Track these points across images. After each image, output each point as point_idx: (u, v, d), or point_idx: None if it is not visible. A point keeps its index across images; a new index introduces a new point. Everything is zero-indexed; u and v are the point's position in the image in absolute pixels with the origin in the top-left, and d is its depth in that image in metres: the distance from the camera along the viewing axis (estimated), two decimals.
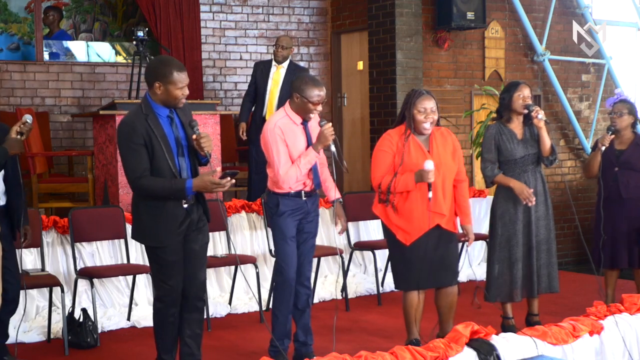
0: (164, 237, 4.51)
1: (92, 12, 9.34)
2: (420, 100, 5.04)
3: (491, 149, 5.69)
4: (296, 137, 5.04)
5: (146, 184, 4.42)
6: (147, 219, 4.55)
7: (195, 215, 4.62)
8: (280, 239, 5.15)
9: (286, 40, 8.26)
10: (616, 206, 6.42)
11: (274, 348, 5.20)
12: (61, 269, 6.42)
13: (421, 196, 5.01)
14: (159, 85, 4.47)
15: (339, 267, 7.41)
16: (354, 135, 9.93)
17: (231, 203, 7.24)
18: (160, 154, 4.43)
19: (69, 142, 9.08)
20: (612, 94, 10.43)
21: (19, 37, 8.96)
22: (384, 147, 5.11)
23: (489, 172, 5.69)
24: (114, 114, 7.10)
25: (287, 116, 5.07)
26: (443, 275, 5.18)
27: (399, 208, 5.04)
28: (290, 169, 4.99)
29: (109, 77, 9.26)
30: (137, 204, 4.59)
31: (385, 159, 5.07)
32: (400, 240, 5.08)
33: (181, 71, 4.47)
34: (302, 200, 5.13)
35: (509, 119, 5.73)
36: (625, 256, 6.41)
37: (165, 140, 4.46)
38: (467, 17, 8.91)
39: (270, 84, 8.16)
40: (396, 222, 5.08)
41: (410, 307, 5.19)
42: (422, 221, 5.03)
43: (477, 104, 9.35)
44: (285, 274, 5.15)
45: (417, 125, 5.05)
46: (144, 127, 4.43)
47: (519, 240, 5.67)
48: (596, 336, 4.46)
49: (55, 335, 5.98)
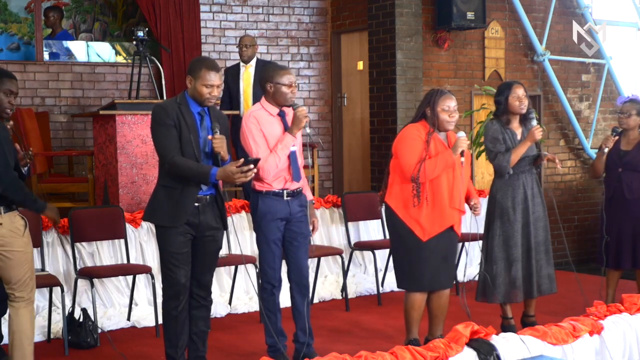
0: (173, 218, 4.64)
1: (92, 12, 9.34)
2: (443, 99, 5.06)
3: (499, 139, 5.61)
4: (273, 127, 5.03)
5: (178, 162, 4.57)
6: (162, 199, 4.71)
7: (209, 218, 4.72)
8: (263, 242, 5.13)
9: (249, 39, 8.38)
10: (620, 207, 6.41)
11: (271, 348, 5.20)
12: (61, 269, 6.42)
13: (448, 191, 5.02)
14: (190, 80, 4.66)
15: (339, 267, 7.41)
16: (354, 135, 9.92)
17: (231, 203, 7.24)
18: (187, 139, 4.61)
19: (69, 142, 9.08)
20: (612, 94, 10.45)
21: (19, 37, 8.96)
22: (414, 136, 5.05)
23: (505, 162, 5.58)
24: (114, 114, 7.10)
25: (263, 108, 5.08)
26: (446, 277, 5.19)
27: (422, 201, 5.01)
28: (269, 157, 4.95)
29: (109, 77, 9.27)
30: (157, 189, 4.77)
31: (417, 145, 5.01)
32: (417, 236, 5.05)
33: (211, 70, 4.61)
34: (284, 200, 5.08)
35: (508, 121, 5.71)
36: (630, 257, 6.40)
37: (194, 131, 4.63)
38: (467, 17, 8.92)
39: (242, 84, 8.24)
40: (415, 216, 5.03)
41: (413, 309, 5.18)
42: (444, 217, 5.03)
43: (477, 104, 9.36)
44: (269, 277, 5.15)
45: (441, 124, 5.05)
46: (175, 111, 4.62)
47: (517, 241, 5.66)
48: (596, 336, 4.46)
49: (55, 335, 5.98)
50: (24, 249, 4.65)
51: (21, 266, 4.63)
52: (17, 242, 4.61)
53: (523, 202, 5.67)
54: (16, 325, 4.65)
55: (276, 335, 5.17)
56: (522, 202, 5.66)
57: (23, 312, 4.67)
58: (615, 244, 6.45)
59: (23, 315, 4.67)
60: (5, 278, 4.66)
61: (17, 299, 4.66)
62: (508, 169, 5.60)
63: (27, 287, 4.68)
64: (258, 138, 4.98)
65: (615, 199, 6.45)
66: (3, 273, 4.64)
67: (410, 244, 5.09)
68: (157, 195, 4.76)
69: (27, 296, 4.68)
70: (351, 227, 7.55)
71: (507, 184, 5.67)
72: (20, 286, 4.64)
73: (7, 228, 4.57)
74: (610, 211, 6.47)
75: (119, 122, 7.05)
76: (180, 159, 4.58)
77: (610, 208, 6.46)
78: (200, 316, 4.87)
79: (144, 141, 7.07)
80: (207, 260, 4.83)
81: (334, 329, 6.25)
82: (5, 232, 4.56)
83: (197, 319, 4.87)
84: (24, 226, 4.68)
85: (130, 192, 7.09)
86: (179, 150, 4.60)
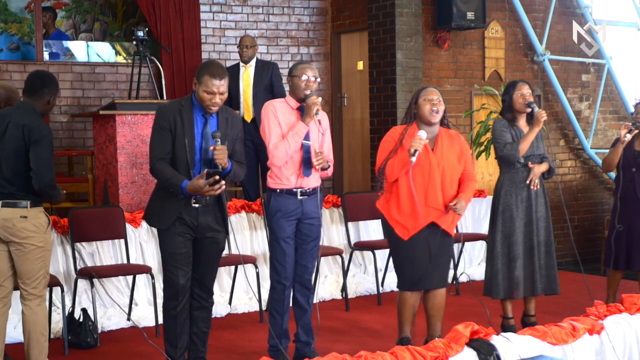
0: (161, 220, 4.68)
1: (92, 12, 9.34)
2: (425, 92, 5.12)
3: (506, 131, 5.63)
4: (289, 117, 5.08)
5: (157, 169, 4.61)
6: (154, 201, 4.76)
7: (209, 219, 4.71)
8: (274, 239, 5.16)
9: (249, 39, 8.34)
10: (632, 207, 6.41)
11: (272, 348, 5.21)
12: (61, 269, 6.42)
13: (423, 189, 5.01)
14: (195, 83, 4.65)
15: (339, 267, 7.41)
16: (354, 135, 9.92)
17: (231, 203, 7.24)
18: (180, 144, 4.59)
19: (69, 142, 9.08)
20: (612, 94, 10.45)
21: (19, 37, 8.96)
22: (388, 138, 5.17)
23: (514, 151, 5.57)
24: (114, 114, 7.10)
25: (285, 102, 5.16)
26: (437, 277, 5.18)
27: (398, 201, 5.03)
28: (280, 143, 5.00)
29: (109, 77, 9.26)
30: (154, 191, 4.81)
31: (388, 147, 5.11)
32: (398, 235, 5.08)
33: (213, 77, 4.57)
34: (298, 200, 5.10)
35: (514, 119, 5.73)
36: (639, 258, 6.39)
37: (190, 135, 4.60)
38: (467, 17, 8.91)
39: (242, 84, 8.22)
40: (395, 216, 5.08)
41: (403, 307, 5.20)
42: (421, 215, 5.02)
43: (477, 104, 9.35)
44: (279, 274, 5.15)
45: (424, 115, 5.07)
46: (174, 114, 4.61)
47: (519, 238, 5.66)
48: (596, 336, 4.46)
49: (55, 335, 5.98)
50: (44, 245, 4.79)
51: (37, 262, 4.76)
52: (38, 237, 4.76)
53: (527, 200, 5.67)
54: (32, 324, 4.78)
55: (280, 336, 5.18)
56: (525, 200, 5.67)
57: (38, 310, 4.79)
58: (626, 244, 6.43)
59: (38, 312, 4.79)
60: (19, 271, 4.78)
61: (30, 296, 4.77)
62: (518, 157, 5.61)
63: (39, 285, 4.79)
64: (273, 125, 5.04)
65: (627, 199, 6.44)
66: (18, 266, 4.77)
67: (395, 244, 5.16)
68: (152, 196, 4.81)
69: (39, 293, 4.80)
70: (351, 227, 7.55)
71: (512, 182, 5.68)
72: (33, 282, 4.76)
73: (31, 222, 4.73)
74: (620, 211, 6.45)
75: (119, 122, 7.06)
76: (161, 165, 4.58)
77: (621, 207, 6.44)
78: (201, 317, 4.88)
79: (144, 141, 7.07)
80: (208, 261, 4.82)
81: (334, 329, 6.25)
82: (28, 226, 4.72)
83: (198, 320, 4.87)
84: (47, 223, 4.84)
85: (130, 192, 7.09)
86: (169, 154, 4.60)
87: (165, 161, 4.60)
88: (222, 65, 4.80)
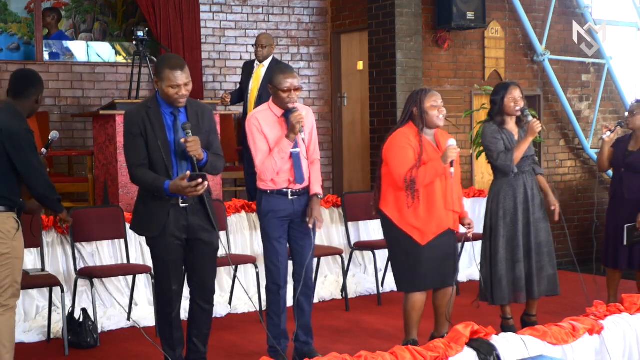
0: (154, 228, 4.57)
1: (92, 12, 9.34)
2: (430, 96, 5.09)
3: (498, 139, 5.60)
4: (274, 129, 5.00)
5: (137, 175, 4.52)
6: (139, 207, 4.67)
7: (199, 219, 4.62)
8: (266, 240, 5.13)
9: (265, 38, 8.22)
10: (620, 207, 6.43)
11: (272, 348, 5.20)
12: (61, 269, 6.41)
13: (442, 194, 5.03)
14: (157, 82, 4.52)
15: (339, 267, 7.41)
16: (353, 135, 9.92)
17: (231, 203, 7.24)
18: (154, 146, 4.49)
19: (69, 142, 9.08)
20: (612, 94, 10.45)
21: (19, 37, 8.96)
22: (403, 144, 5.05)
23: (508, 162, 5.55)
24: (114, 114, 7.10)
25: (269, 109, 5.06)
26: (447, 275, 5.19)
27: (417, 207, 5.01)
28: (266, 160, 4.97)
29: (109, 77, 9.26)
30: (139, 195, 4.71)
31: (408, 154, 5.01)
32: (415, 241, 5.05)
33: (174, 69, 4.43)
34: (289, 199, 5.08)
35: (503, 122, 5.70)
36: (626, 258, 6.41)
37: (162, 135, 4.50)
38: (467, 17, 8.92)
39: (252, 82, 8.18)
40: (412, 222, 5.04)
41: (413, 310, 5.17)
42: (441, 220, 5.04)
43: (477, 104, 9.35)
44: (274, 275, 5.13)
45: (430, 120, 5.06)
46: (142, 117, 4.50)
47: (520, 242, 5.65)
48: (596, 336, 4.45)
49: (55, 335, 5.97)
50: (9, 251, 4.54)
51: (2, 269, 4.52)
52: (3, 244, 4.52)
53: (524, 203, 5.67)
54: None
55: (279, 336, 5.17)
56: (523, 203, 5.66)
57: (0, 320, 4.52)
58: (613, 243, 6.46)
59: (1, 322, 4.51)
60: None
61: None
62: (512, 167, 5.59)
63: (5, 293, 4.54)
64: (259, 141, 4.98)
65: (616, 199, 6.47)
66: None
67: (409, 249, 5.09)
68: (136, 205, 4.71)
69: (4, 302, 4.54)
70: (351, 227, 7.55)
71: (509, 185, 5.66)
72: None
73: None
74: (610, 211, 6.47)
75: (119, 122, 7.05)
76: (140, 172, 4.49)
77: (612, 207, 6.47)
78: (201, 319, 4.79)
79: None
80: (205, 263, 4.71)
81: (334, 329, 6.25)
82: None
83: (199, 322, 4.79)
84: (16, 229, 4.59)
85: (130, 192, 7.09)
86: (146, 159, 4.50)
87: (145, 167, 4.50)
88: (179, 56, 4.71)
